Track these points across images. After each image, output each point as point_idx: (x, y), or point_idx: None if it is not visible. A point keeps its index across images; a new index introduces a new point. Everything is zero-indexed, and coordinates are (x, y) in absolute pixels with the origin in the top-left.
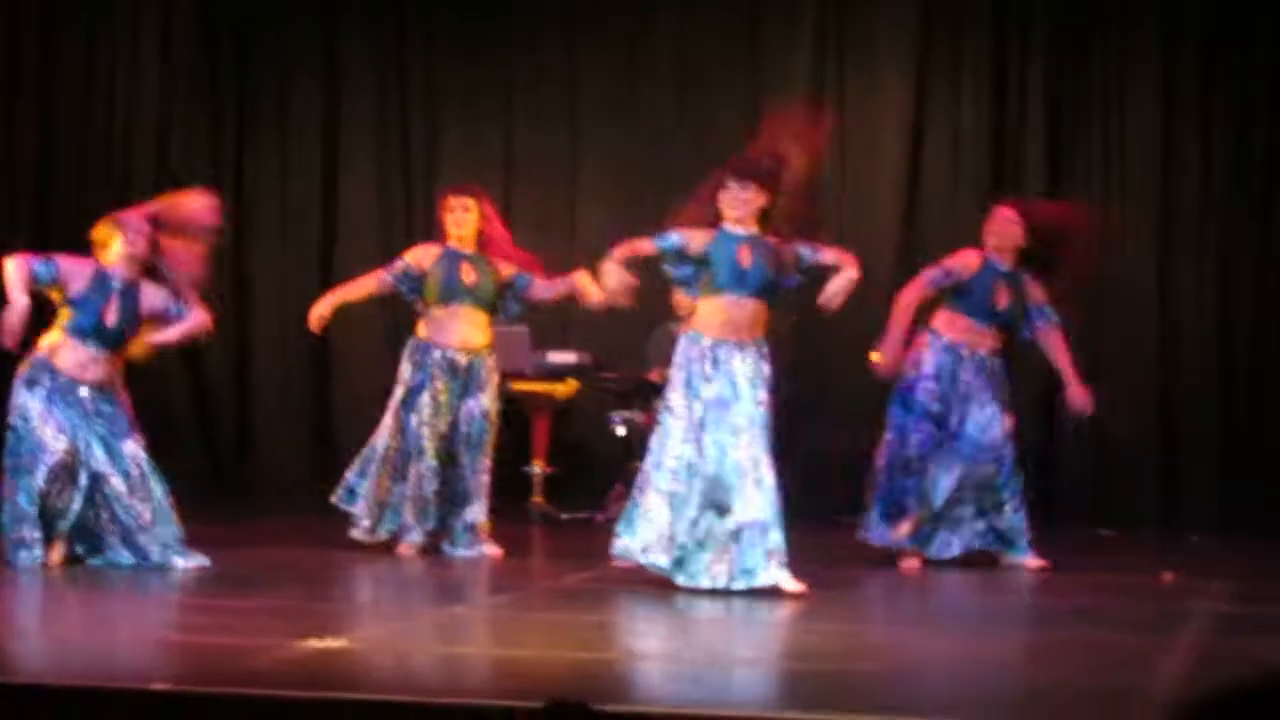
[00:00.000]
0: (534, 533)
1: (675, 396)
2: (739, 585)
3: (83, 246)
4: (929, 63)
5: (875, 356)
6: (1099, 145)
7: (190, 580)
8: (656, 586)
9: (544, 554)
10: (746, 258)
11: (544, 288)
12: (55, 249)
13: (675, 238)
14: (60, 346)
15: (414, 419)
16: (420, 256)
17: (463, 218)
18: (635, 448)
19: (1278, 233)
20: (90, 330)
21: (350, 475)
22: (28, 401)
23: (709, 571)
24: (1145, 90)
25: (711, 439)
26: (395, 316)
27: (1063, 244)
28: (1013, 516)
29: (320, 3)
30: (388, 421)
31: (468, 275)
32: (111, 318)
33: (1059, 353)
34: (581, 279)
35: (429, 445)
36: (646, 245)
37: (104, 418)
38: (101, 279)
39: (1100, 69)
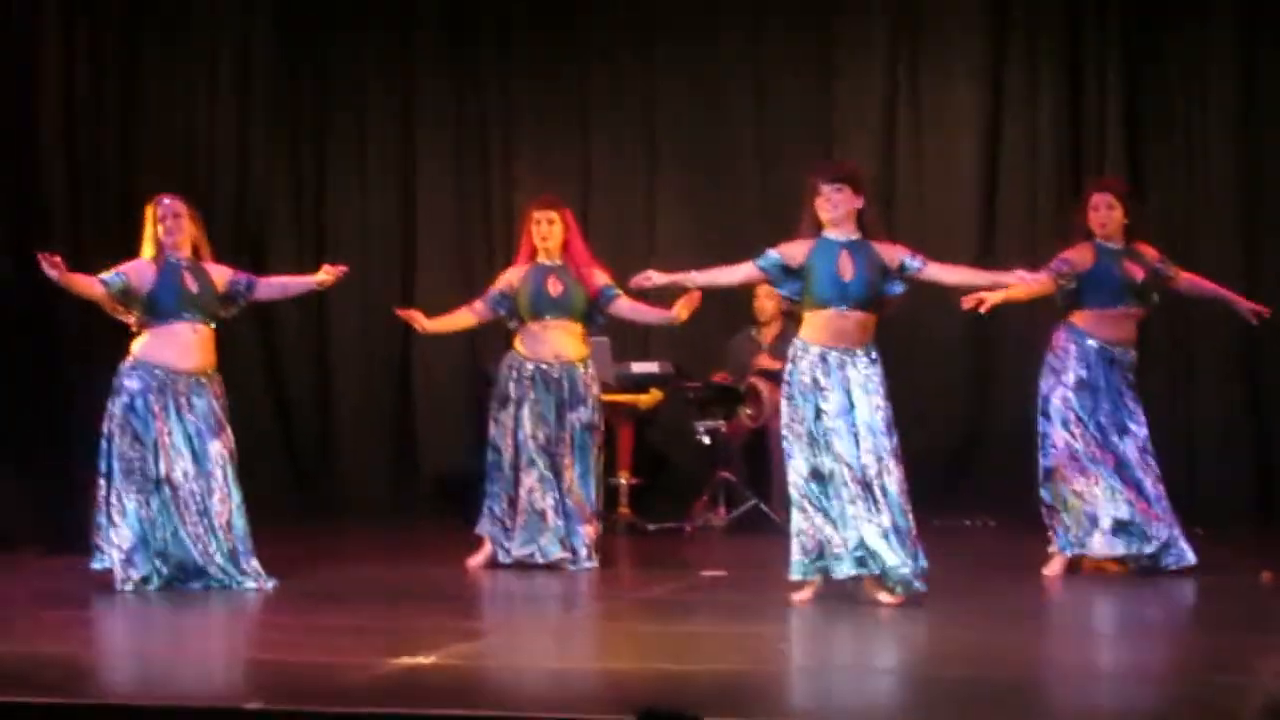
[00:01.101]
0: (621, 544)
1: (790, 412)
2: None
3: None
4: (1004, 66)
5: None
6: (1180, 143)
7: (278, 598)
8: (744, 596)
9: (632, 565)
10: (848, 269)
11: (629, 309)
12: None
13: (775, 255)
14: (150, 341)
15: (521, 433)
16: (509, 276)
17: (548, 230)
18: (720, 456)
19: None
20: (176, 304)
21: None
22: (114, 409)
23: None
24: (1224, 86)
25: (834, 449)
26: (475, 332)
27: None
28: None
29: (397, 23)
30: (495, 438)
31: (554, 288)
32: (193, 285)
33: (1203, 285)
34: (676, 309)
35: (537, 458)
36: (744, 269)
37: (196, 413)
38: (166, 263)
39: (1178, 67)
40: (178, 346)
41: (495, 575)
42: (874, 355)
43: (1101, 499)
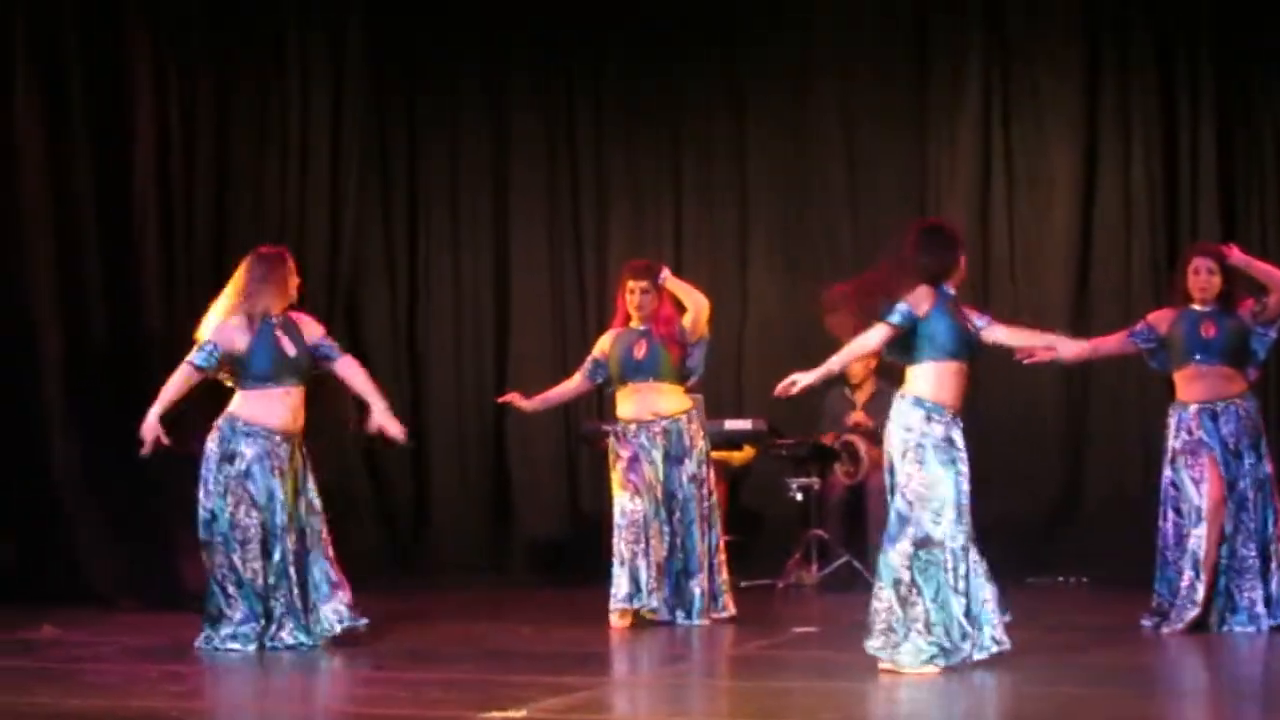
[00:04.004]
0: None
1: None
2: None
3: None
4: (1097, 128)
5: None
6: (1273, 197)
7: (367, 653)
8: (835, 652)
9: (726, 621)
10: (963, 320)
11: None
12: None
13: (903, 307)
14: (245, 404)
15: (642, 485)
16: (603, 343)
17: (641, 300)
18: (812, 513)
19: None
20: (272, 369)
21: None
22: (213, 476)
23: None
24: None
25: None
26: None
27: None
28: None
29: (490, 77)
30: (619, 494)
31: (639, 351)
32: (290, 348)
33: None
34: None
35: (658, 509)
36: (878, 331)
37: (296, 467)
38: (261, 325)
39: (1271, 129)
40: (277, 410)
41: (594, 631)
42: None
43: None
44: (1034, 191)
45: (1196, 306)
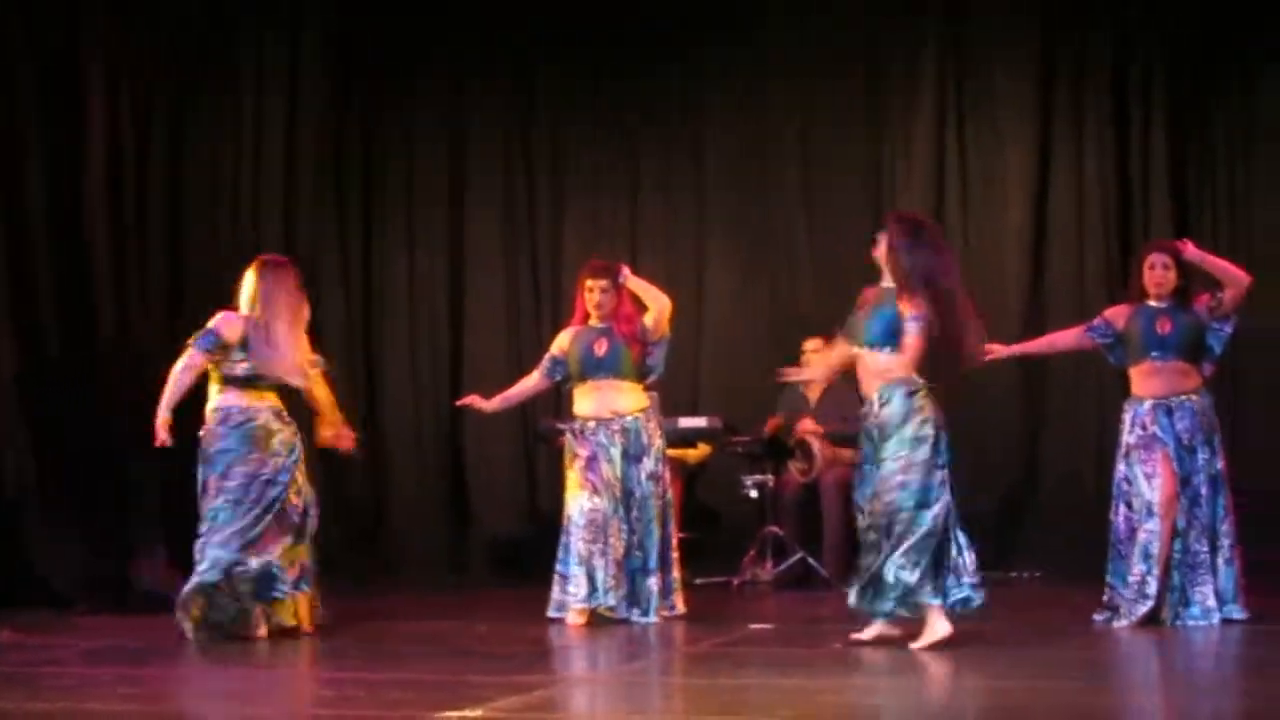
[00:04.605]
0: None
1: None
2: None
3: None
4: (1050, 128)
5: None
6: (1224, 198)
7: (325, 652)
8: (791, 649)
9: (677, 619)
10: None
11: (646, 314)
12: (186, 332)
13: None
14: (233, 398)
15: (600, 484)
16: (562, 341)
17: (601, 299)
18: (767, 510)
19: None
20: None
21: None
22: (209, 476)
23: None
24: (1269, 142)
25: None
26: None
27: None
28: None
29: (447, 77)
30: (576, 494)
31: (600, 348)
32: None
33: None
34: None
35: (617, 507)
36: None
37: (291, 451)
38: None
39: (1223, 130)
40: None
41: (550, 630)
42: None
43: None
44: (988, 190)
45: (1153, 302)
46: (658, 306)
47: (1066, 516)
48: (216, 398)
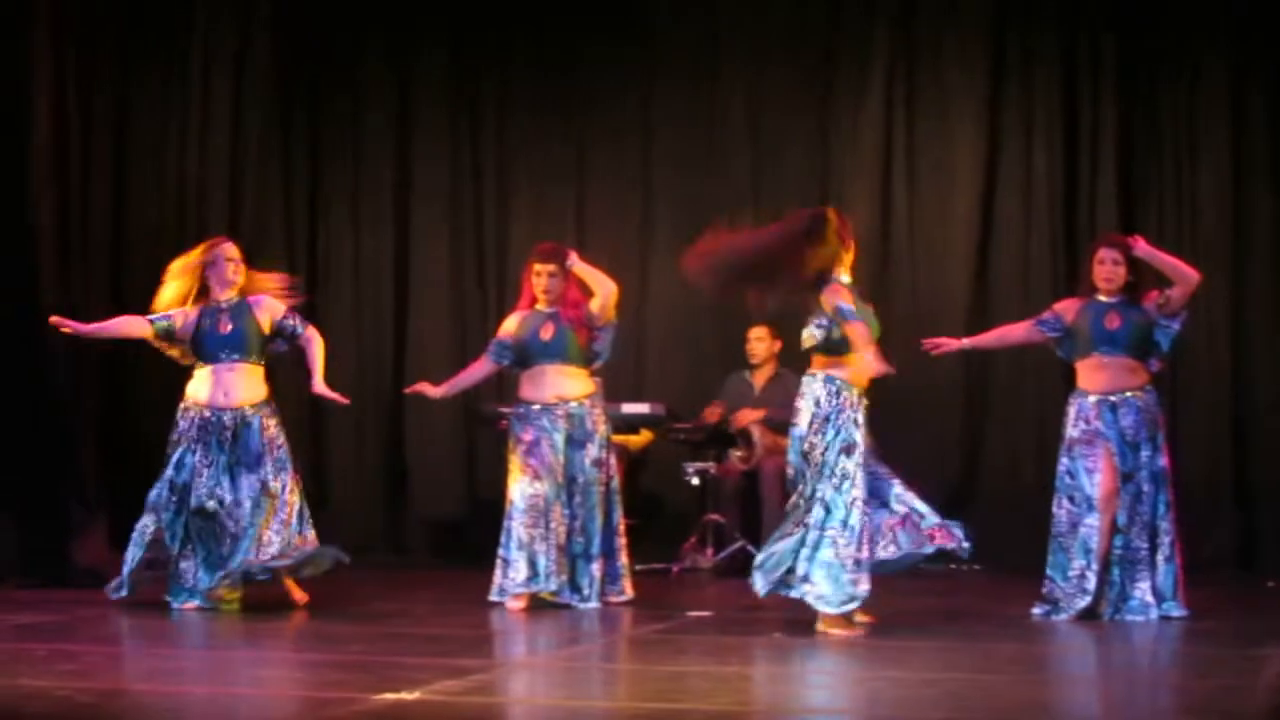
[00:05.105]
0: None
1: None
2: None
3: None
4: (999, 115)
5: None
6: (1171, 193)
7: (267, 633)
8: (730, 637)
9: (624, 604)
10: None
11: (592, 301)
12: (130, 306)
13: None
14: (198, 384)
15: (543, 468)
16: (509, 325)
17: (548, 284)
18: (709, 498)
19: None
20: (214, 346)
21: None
22: (172, 453)
23: None
24: (1216, 138)
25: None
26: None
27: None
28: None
29: (394, 58)
30: (518, 478)
31: (546, 333)
32: (227, 326)
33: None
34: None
35: (559, 492)
36: None
37: (240, 444)
38: (206, 308)
39: (1170, 112)
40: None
41: (490, 614)
42: None
43: None
44: (935, 180)
45: (1102, 297)
46: (604, 292)
47: (1007, 509)
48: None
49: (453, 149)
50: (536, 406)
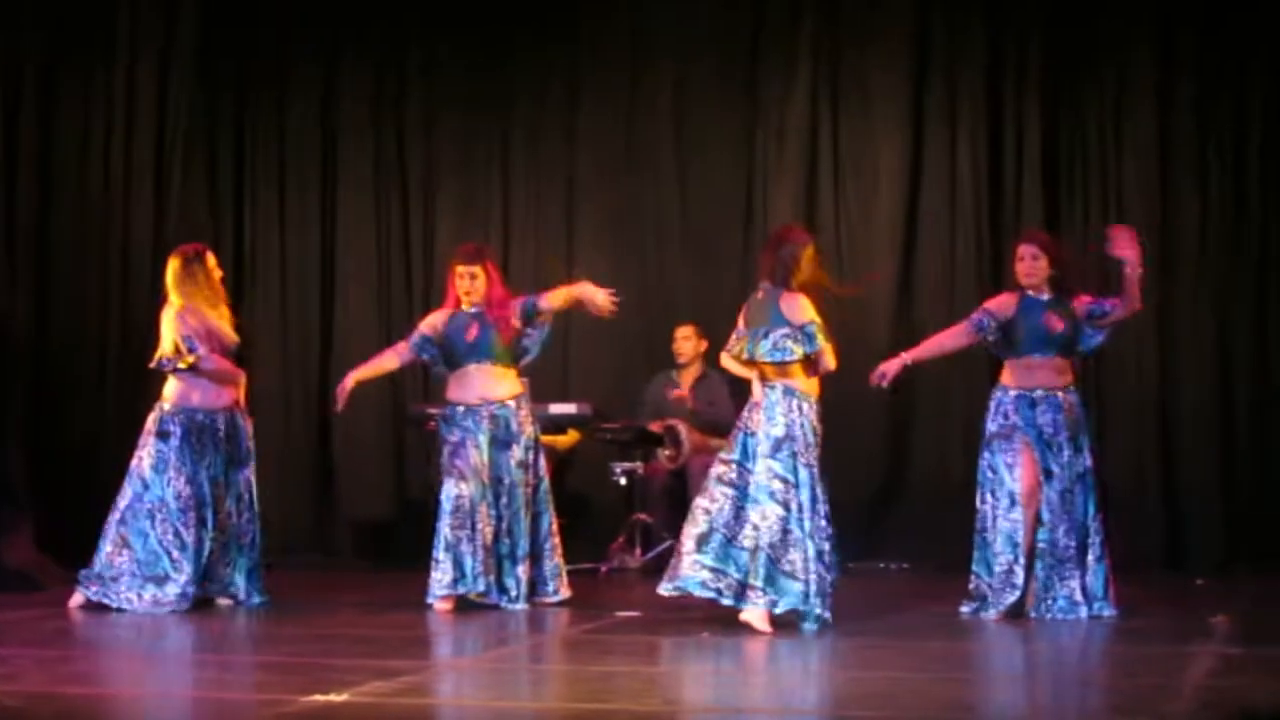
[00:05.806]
0: None
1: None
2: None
3: (79, 305)
4: (924, 107)
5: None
6: (1096, 187)
7: (196, 635)
8: (659, 637)
9: (554, 605)
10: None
11: (548, 299)
12: (55, 308)
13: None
14: (189, 389)
15: (468, 470)
16: (433, 321)
17: (470, 285)
18: (636, 498)
19: (1274, 273)
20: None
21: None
22: (156, 450)
23: None
24: (1141, 136)
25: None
26: (393, 378)
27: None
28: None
29: (319, 59)
30: (445, 483)
31: (471, 333)
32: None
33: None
34: (584, 287)
35: (485, 493)
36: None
37: (233, 443)
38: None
39: (1095, 110)
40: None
41: (419, 615)
42: None
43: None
44: (860, 179)
45: (1032, 294)
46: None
47: (934, 508)
48: None
49: (377, 147)
50: (462, 408)
